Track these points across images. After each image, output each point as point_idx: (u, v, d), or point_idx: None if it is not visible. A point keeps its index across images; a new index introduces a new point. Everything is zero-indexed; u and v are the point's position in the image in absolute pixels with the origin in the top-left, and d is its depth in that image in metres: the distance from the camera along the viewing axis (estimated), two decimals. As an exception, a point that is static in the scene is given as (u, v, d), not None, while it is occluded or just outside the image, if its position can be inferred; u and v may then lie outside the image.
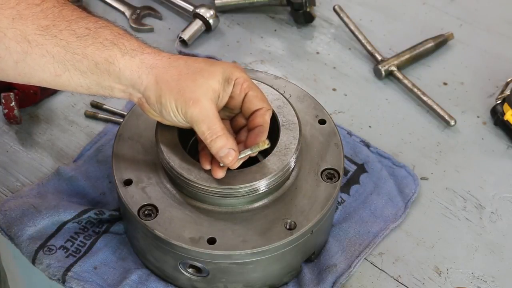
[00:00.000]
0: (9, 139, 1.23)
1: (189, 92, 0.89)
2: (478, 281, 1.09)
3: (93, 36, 0.89)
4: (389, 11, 1.51)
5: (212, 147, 0.92)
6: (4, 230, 1.08)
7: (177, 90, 0.89)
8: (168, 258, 1.00)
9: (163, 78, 0.90)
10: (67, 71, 0.90)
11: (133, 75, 0.90)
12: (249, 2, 1.46)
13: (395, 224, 1.14)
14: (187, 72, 0.90)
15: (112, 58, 0.89)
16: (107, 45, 0.89)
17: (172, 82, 0.90)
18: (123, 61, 0.90)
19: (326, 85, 1.36)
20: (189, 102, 0.89)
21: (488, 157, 1.26)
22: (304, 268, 1.07)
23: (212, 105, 0.91)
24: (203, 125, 0.91)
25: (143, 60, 0.90)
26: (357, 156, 1.22)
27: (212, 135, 0.91)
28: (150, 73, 0.90)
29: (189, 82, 0.89)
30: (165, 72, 0.90)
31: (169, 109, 0.91)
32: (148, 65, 0.90)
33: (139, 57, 0.90)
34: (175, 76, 0.90)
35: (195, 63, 0.92)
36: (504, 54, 1.42)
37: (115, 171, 1.02)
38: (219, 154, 0.92)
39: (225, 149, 0.92)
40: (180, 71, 0.90)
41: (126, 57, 0.90)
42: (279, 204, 1.00)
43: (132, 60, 0.90)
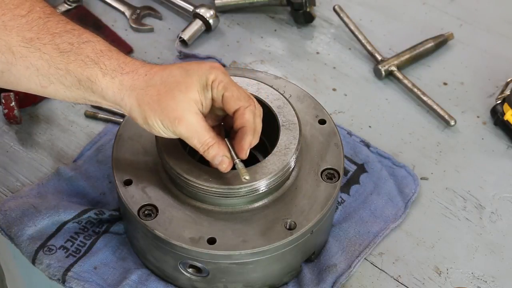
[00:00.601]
0: (9, 139, 1.23)
1: (172, 111, 0.89)
2: (478, 281, 1.09)
3: (75, 52, 0.90)
4: (389, 11, 1.51)
5: (207, 157, 0.93)
6: (4, 230, 1.08)
7: (160, 110, 0.90)
8: (168, 258, 1.00)
9: (144, 100, 0.90)
10: (52, 83, 0.91)
11: (115, 96, 0.91)
12: (249, 2, 1.46)
13: (395, 224, 1.14)
14: (165, 90, 0.90)
15: (93, 77, 0.90)
16: (89, 64, 0.90)
17: (153, 103, 0.90)
18: (104, 82, 0.90)
19: (326, 85, 1.36)
20: (174, 122, 0.90)
21: (488, 157, 1.26)
22: (304, 268, 1.07)
23: (197, 117, 0.91)
24: (193, 140, 0.92)
25: (122, 82, 0.90)
26: (357, 156, 1.22)
27: (203, 147, 0.92)
28: (131, 96, 0.90)
29: (169, 101, 0.89)
30: (144, 93, 0.90)
31: (158, 128, 0.91)
32: (128, 87, 0.90)
33: (119, 78, 0.90)
34: (154, 97, 0.90)
35: (171, 77, 0.91)
36: (504, 54, 1.42)
37: (115, 171, 1.02)
38: (214, 162, 0.94)
39: (218, 157, 0.93)
40: (158, 90, 0.90)
41: (107, 78, 0.90)
42: (279, 204, 1.00)
43: (112, 82, 0.90)
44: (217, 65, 0.94)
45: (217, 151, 0.92)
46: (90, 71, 0.90)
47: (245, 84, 1.07)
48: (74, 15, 1.42)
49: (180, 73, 0.91)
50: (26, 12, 0.90)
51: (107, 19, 1.43)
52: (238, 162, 0.94)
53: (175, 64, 0.93)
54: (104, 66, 0.90)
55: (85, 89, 0.91)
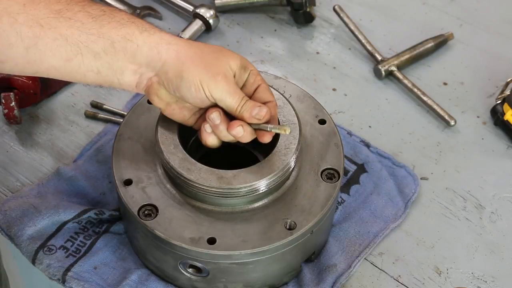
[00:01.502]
0: (9, 139, 1.23)
1: (215, 68, 0.91)
2: (478, 281, 1.09)
3: (109, 16, 0.90)
4: (389, 11, 1.51)
5: (245, 111, 0.93)
6: (4, 230, 1.08)
7: (203, 65, 0.91)
8: (168, 258, 1.00)
9: (186, 54, 0.91)
10: (79, 54, 0.89)
11: (151, 51, 0.91)
12: (249, 2, 1.46)
13: (395, 224, 1.14)
14: (208, 51, 0.93)
15: (130, 35, 0.90)
16: (124, 23, 0.90)
17: (196, 58, 0.91)
18: (141, 38, 0.90)
19: (326, 85, 1.36)
20: (217, 77, 0.91)
21: (488, 157, 1.26)
22: (304, 268, 1.07)
23: (233, 80, 0.94)
24: (234, 96, 0.93)
25: (162, 37, 0.91)
26: (357, 156, 1.22)
27: (242, 101, 0.93)
28: (170, 49, 0.91)
29: (212, 60, 0.92)
30: (187, 49, 0.91)
31: (191, 84, 0.91)
32: (168, 42, 0.91)
33: (158, 34, 0.91)
34: (198, 54, 0.91)
35: (211, 46, 0.95)
36: (504, 54, 1.42)
37: (115, 171, 1.02)
38: (253, 113, 0.93)
39: (256, 107, 0.93)
40: (202, 49, 0.92)
41: (145, 34, 0.90)
42: (279, 204, 1.00)
43: (150, 37, 0.91)
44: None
45: (253, 103, 0.94)
46: (127, 29, 0.89)
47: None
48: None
49: (221, 47, 0.95)
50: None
51: (107, 19, 1.43)
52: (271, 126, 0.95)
53: None
54: (141, 25, 0.91)
55: (115, 52, 0.90)
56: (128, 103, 1.28)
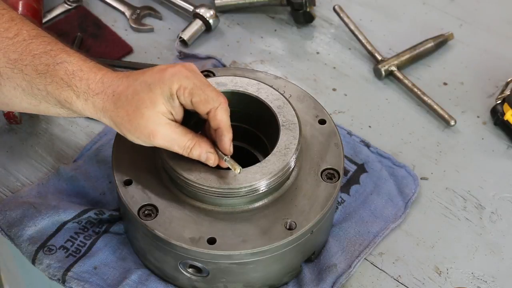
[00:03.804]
0: (9, 139, 1.23)
1: (144, 128, 0.92)
2: (478, 281, 1.09)
3: (51, 74, 0.93)
4: (389, 11, 1.51)
5: (193, 156, 0.95)
6: (4, 230, 1.08)
7: (134, 129, 0.93)
8: (168, 258, 1.00)
9: (117, 121, 0.93)
10: (42, 102, 0.95)
11: (94, 116, 0.95)
12: (249, 2, 1.46)
13: (395, 224, 1.14)
14: (132, 109, 0.92)
15: (69, 99, 0.93)
16: (63, 86, 0.93)
17: (126, 124, 0.93)
18: (80, 104, 0.94)
19: (326, 85, 1.36)
20: (149, 137, 0.92)
21: (488, 157, 1.26)
22: (304, 268, 1.07)
23: (170, 127, 0.93)
24: (173, 147, 0.94)
25: (95, 104, 0.93)
26: (357, 156, 1.22)
27: (185, 150, 0.94)
28: (105, 117, 0.94)
29: (139, 120, 0.92)
30: (115, 115, 0.93)
31: (139, 142, 0.95)
32: (100, 109, 0.94)
33: (91, 100, 0.93)
34: (125, 118, 0.92)
35: (135, 95, 0.92)
36: (504, 54, 1.42)
37: (115, 171, 1.02)
38: (201, 160, 0.96)
39: (203, 155, 0.95)
40: (127, 110, 0.92)
41: (81, 100, 0.93)
42: (279, 204, 1.00)
43: (86, 104, 0.94)
44: (178, 70, 0.93)
45: (199, 150, 0.94)
46: (66, 93, 0.93)
47: (245, 84, 1.07)
48: (74, 15, 1.42)
49: (143, 89, 0.92)
50: (13, 35, 0.94)
51: (107, 19, 1.43)
52: (227, 158, 0.95)
53: (139, 78, 0.93)
54: (76, 88, 0.93)
55: (67, 108, 0.95)
56: (128, 103, 1.28)
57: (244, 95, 1.06)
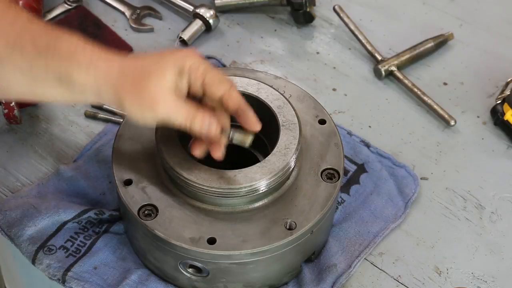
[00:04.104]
0: (9, 139, 1.23)
1: (148, 94, 0.89)
2: (478, 281, 1.09)
3: (52, 51, 0.91)
4: (389, 11, 1.51)
5: (194, 128, 0.92)
6: (4, 230, 1.08)
7: (137, 95, 0.90)
8: (168, 258, 1.00)
9: (120, 88, 0.90)
10: (38, 84, 0.92)
11: (93, 88, 0.91)
12: (249, 2, 1.46)
13: (395, 224, 1.14)
14: (140, 76, 0.90)
15: (70, 73, 0.90)
16: (65, 60, 0.90)
17: (130, 89, 0.90)
18: (80, 76, 0.91)
19: (326, 85, 1.36)
20: (152, 104, 0.90)
21: (488, 157, 1.26)
22: (304, 268, 1.07)
23: (175, 96, 0.91)
24: (176, 117, 0.91)
25: (97, 74, 0.91)
26: (357, 156, 1.22)
27: (188, 120, 0.91)
28: (107, 85, 0.91)
29: (145, 85, 0.90)
30: (120, 81, 0.90)
31: (135, 116, 0.92)
32: (103, 78, 0.91)
33: (93, 70, 0.91)
34: (130, 83, 0.90)
35: (145, 64, 0.91)
36: (504, 54, 1.42)
37: (115, 171, 1.02)
38: (203, 131, 0.92)
39: (205, 123, 0.92)
40: (133, 77, 0.90)
41: (82, 71, 0.91)
42: (279, 204, 1.00)
43: (87, 74, 0.91)
44: (192, 52, 0.93)
45: (202, 118, 0.92)
46: (66, 67, 0.90)
47: (245, 84, 1.07)
48: (74, 15, 1.42)
49: (154, 60, 0.91)
50: (12, 18, 0.92)
51: (107, 19, 1.43)
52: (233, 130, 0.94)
53: (149, 53, 0.93)
54: (78, 61, 0.91)
55: (66, 85, 0.91)
56: (128, 103, 1.28)
57: (244, 95, 1.05)
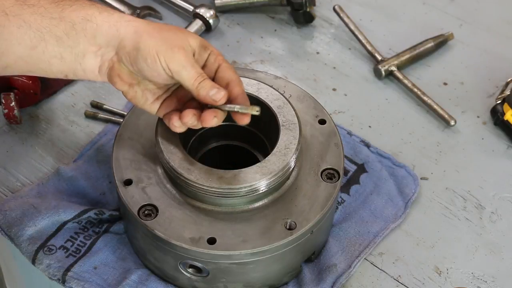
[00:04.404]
0: (9, 139, 1.23)
1: (172, 41, 0.90)
2: (478, 281, 1.09)
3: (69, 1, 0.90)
4: (389, 11, 1.51)
5: (202, 89, 0.91)
6: (4, 230, 1.08)
7: (160, 38, 0.90)
8: (168, 258, 1.00)
9: (144, 29, 0.90)
10: (43, 40, 0.90)
11: (111, 29, 0.90)
12: (249, 2, 1.46)
13: (395, 224, 1.14)
14: (168, 27, 0.92)
15: (89, 15, 0.90)
16: (85, 6, 0.90)
17: (154, 32, 0.90)
18: (100, 18, 0.90)
19: (326, 85, 1.36)
20: (174, 49, 0.89)
21: (488, 157, 1.26)
22: (304, 268, 1.07)
23: (192, 57, 0.92)
24: (191, 70, 0.90)
25: (122, 16, 0.91)
26: (357, 156, 1.22)
27: (199, 78, 0.91)
28: (128, 25, 0.91)
29: (171, 34, 0.91)
30: (145, 24, 0.91)
31: (148, 55, 0.90)
32: (127, 20, 0.91)
33: (118, 14, 0.91)
34: (156, 28, 0.91)
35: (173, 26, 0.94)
36: (504, 54, 1.42)
37: (115, 171, 1.02)
38: (210, 93, 0.91)
39: (214, 88, 0.91)
40: (160, 26, 0.92)
41: (104, 14, 0.90)
42: (279, 204, 1.00)
43: (110, 16, 0.91)
44: None
45: (212, 83, 0.92)
46: (87, 10, 0.90)
47: (245, 84, 1.06)
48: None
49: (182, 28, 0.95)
50: None
51: (107, 19, 1.43)
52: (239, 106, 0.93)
53: None
54: (102, 7, 0.91)
55: (76, 34, 0.90)
56: (128, 103, 1.28)
57: (244, 95, 1.06)
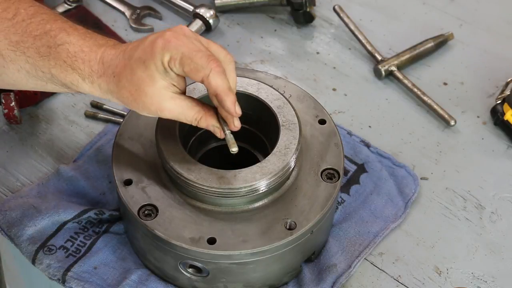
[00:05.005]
0: (9, 139, 1.23)
1: (150, 105, 0.91)
2: (478, 281, 1.09)
3: (54, 57, 0.92)
4: (389, 11, 1.51)
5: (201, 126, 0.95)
6: (4, 230, 1.08)
7: (142, 107, 0.92)
8: (168, 258, 1.00)
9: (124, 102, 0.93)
10: (47, 83, 0.94)
11: (102, 96, 0.95)
12: (249, 2, 1.46)
13: (395, 224, 1.14)
14: (135, 89, 0.91)
15: (75, 82, 0.93)
16: (68, 69, 0.93)
17: (133, 103, 0.92)
18: (86, 86, 0.94)
19: (326, 85, 1.36)
20: (157, 113, 0.92)
21: (488, 157, 1.26)
22: (304, 268, 1.07)
23: (176, 100, 0.92)
24: (182, 119, 0.93)
25: (100, 86, 0.93)
26: (357, 156, 1.22)
27: (194, 122, 0.94)
28: (113, 98, 0.94)
29: (143, 98, 0.91)
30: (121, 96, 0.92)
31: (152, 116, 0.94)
32: (106, 90, 0.93)
33: (96, 83, 0.93)
34: (130, 98, 0.92)
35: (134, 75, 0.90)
36: (504, 54, 1.42)
37: (115, 171, 1.02)
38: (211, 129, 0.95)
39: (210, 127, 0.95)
40: (130, 91, 0.91)
41: (87, 82, 0.93)
42: (279, 204, 1.00)
43: (93, 86, 0.93)
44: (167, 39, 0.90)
45: (206, 123, 0.94)
46: (71, 76, 0.93)
47: (245, 84, 1.07)
48: (74, 15, 1.42)
49: (139, 67, 0.90)
50: (12, 15, 0.92)
51: (107, 19, 1.43)
52: (228, 133, 0.94)
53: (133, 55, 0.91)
54: (80, 71, 0.93)
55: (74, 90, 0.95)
56: (128, 103, 1.28)
57: (244, 95, 1.06)
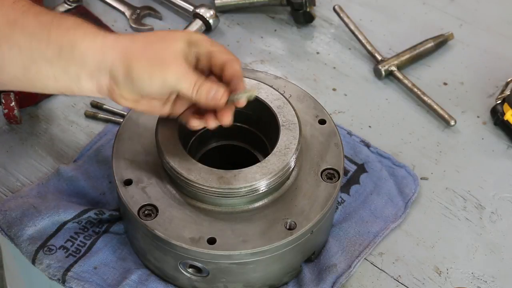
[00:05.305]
0: (9, 139, 1.23)
1: (159, 58, 0.90)
2: (478, 281, 1.09)
3: (57, 23, 0.90)
4: (389, 11, 1.51)
5: (201, 95, 0.92)
6: (4, 230, 1.08)
7: (147, 58, 0.90)
8: (168, 258, 1.00)
9: (129, 51, 0.90)
10: (34, 62, 0.90)
11: (96, 55, 0.90)
12: (249, 2, 1.46)
13: (395, 224, 1.14)
14: (151, 42, 0.91)
15: (74, 41, 0.90)
16: (70, 31, 0.90)
17: (140, 52, 0.90)
18: (84, 44, 0.90)
19: (326, 85, 1.36)
20: (162, 66, 0.90)
21: (488, 157, 1.26)
22: (304, 268, 1.07)
23: (184, 63, 0.91)
24: (183, 82, 0.91)
25: (105, 40, 0.91)
26: (357, 156, 1.22)
27: (195, 87, 0.91)
28: (114, 50, 0.90)
29: (156, 50, 0.90)
30: (129, 46, 0.90)
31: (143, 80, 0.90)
32: (111, 43, 0.91)
33: (100, 38, 0.91)
34: (141, 48, 0.90)
35: (155, 35, 0.94)
36: (504, 54, 1.42)
37: (115, 171, 1.02)
38: (209, 98, 0.92)
39: (212, 90, 0.92)
40: (144, 43, 0.91)
41: (87, 39, 0.90)
42: (279, 204, 1.00)
43: (94, 41, 0.90)
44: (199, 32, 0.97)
45: (209, 85, 0.92)
46: (71, 36, 0.90)
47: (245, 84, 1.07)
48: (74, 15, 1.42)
49: (164, 32, 0.94)
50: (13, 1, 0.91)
51: (107, 19, 1.43)
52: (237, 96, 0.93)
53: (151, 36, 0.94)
54: (84, 31, 0.91)
55: (66, 58, 0.90)
56: (128, 103, 1.28)
57: (244, 95, 1.06)
